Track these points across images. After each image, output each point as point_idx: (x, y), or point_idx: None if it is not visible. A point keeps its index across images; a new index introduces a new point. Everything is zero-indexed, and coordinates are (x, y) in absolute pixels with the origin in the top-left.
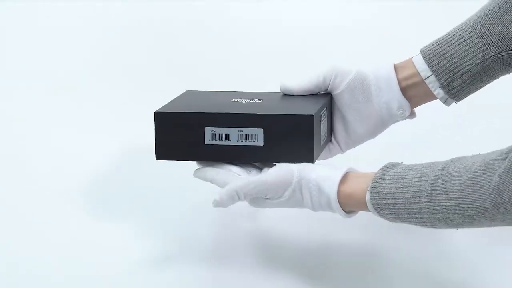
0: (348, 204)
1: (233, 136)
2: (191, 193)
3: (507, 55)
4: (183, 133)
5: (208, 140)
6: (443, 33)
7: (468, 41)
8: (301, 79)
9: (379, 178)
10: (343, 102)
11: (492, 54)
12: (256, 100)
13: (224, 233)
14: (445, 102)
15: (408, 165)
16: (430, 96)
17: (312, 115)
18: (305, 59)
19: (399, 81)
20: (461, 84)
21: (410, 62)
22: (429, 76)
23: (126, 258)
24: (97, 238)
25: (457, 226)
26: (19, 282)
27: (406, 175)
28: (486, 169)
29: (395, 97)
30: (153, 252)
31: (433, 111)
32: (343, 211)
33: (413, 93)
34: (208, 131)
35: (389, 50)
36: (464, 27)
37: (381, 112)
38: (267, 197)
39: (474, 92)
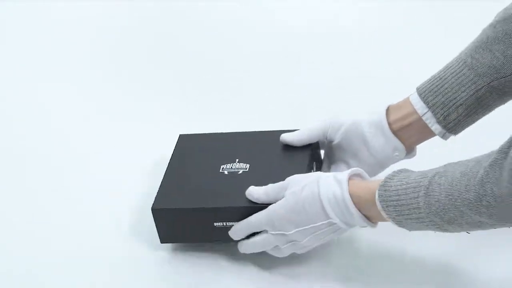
0: (359, 203)
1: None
2: None
3: (498, 83)
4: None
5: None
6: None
7: (460, 74)
8: (300, 133)
9: (389, 178)
10: (342, 150)
11: (484, 84)
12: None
13: None
14: (443, 136)
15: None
16: (427, 134)
17: None
18: (305, 59)
19: (392, 123)
20: (457, 117)
21: (407, 101)
22: (425, 113)
23: (126, 258)
24: (97, 238)
25: (450, 222)
26: (19, 282)
27: (411, 175)
28: (476, 164)
29: (389, 141)
30: (153, 252)
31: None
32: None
33: (409, 133)
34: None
35: (389, 50)
36: (456, 61)
37: (377, 156)
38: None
39: (471, 124)
